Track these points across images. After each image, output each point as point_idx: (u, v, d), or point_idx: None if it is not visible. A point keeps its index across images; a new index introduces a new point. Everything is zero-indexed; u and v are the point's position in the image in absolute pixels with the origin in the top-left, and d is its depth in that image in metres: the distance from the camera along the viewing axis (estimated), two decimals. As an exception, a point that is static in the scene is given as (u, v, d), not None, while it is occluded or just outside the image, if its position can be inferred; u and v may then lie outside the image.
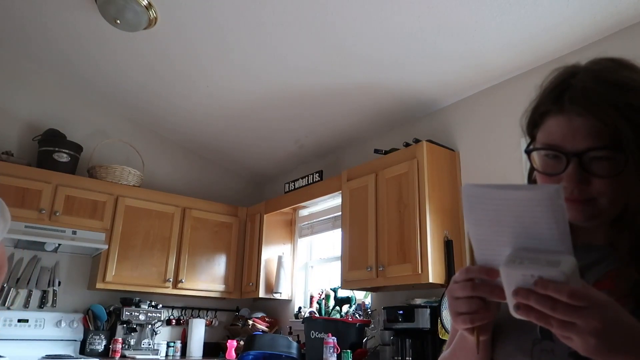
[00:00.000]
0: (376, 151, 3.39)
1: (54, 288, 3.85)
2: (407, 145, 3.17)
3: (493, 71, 2.95)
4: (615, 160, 0.69)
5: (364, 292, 3.61)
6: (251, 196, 5.07)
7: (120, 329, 3.89)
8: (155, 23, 3.02)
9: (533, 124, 0.79)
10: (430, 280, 2.77)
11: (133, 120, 4.49)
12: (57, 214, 3.64)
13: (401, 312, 2.86)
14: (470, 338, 0.71)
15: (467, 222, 0.63)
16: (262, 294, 4.21)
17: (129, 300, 3.94)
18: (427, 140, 3.06)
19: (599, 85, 0.70)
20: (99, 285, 3.78)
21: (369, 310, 3.50)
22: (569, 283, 0.54)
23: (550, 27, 2.52)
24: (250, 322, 4.22)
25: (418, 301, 2.88)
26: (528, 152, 0.77)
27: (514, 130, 2.66)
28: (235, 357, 3.87)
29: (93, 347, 3.76)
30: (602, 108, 0.68)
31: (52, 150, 3.80)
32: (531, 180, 0.84)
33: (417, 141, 3.12)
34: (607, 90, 0.70)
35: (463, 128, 3.21)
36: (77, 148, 3.96)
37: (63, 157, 3.82)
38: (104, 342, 3.80)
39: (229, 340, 4.03)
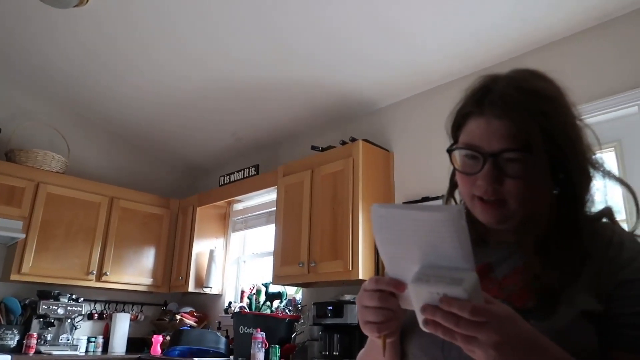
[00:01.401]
0: (313, 148, 3.41)
1: (-38, 279, 3.56)
2: (343, 143, 3.21)
3: (430, 75, 3.04)
4: (526, 163, 0.74)
5: (295, 288, 3.62)
6: (184, 188, 4.94)
7: (36, 324, 3.66)
8: (87, 1, 2.85)
9: (456, 126, 0.84)
10: (360, 277, 2.82)
11: (59, 103, 4.23)
12: (-32, 199, 3.38)
13: (330, 307, 2.90)
14: (378, 341, 0.74)
15: (376, 240, 0.66)
16: (191, 288, 4.12)
17: (47, 293, 3.72)
18: (363, 140, 3.11)
19: (516, 91, 0.76)
20: (14, 277, 3.54)
21: (299, 305, 3.51)
22: (471, 300, 0.58)
23: (483, 37, 2.63)
24: (178, 316, 4.12)
25: (347, 297, 2.93)
26: (449, 151, 0.82)
27: (446, 133, 2.76)
28: (161, 353, 3.76)
29: (4, 342, 3.51)
30: (517, 112, 0.74)
31: (-35, 129, 3.52)
32: (453, 180, 0.87)
33: (353, 140, 3.16)
34: (523, 97, 0.75)
35: (399, 129, 3.29)
36: (-6, 129, 3.68)
37: (-22, 138, 3.55)
38: (17, 338, 3.57)
39: (154, 336, 3.91)
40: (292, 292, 3.68)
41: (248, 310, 3.63)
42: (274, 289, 3.66)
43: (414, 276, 0.62)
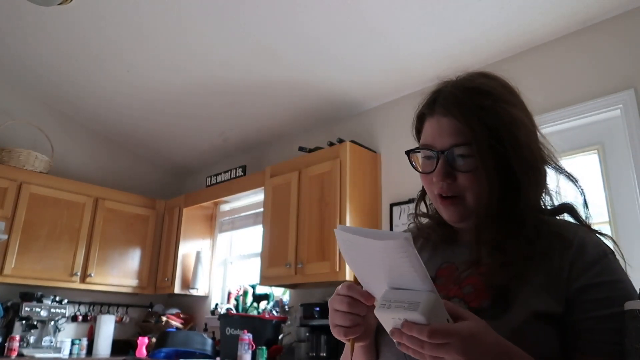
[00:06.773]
0: (301, 149, 3.41)
1: (-58, 281, 3.49)
2: (331, 144, 3.21)
3: (415, 78, 3.06)
4: (474, 157, 0.77)
5: (283, 289, 3.61)
6: (171, 188, 4.90)
7: (18, 326, 3.60)
8: (70, 0, 2.82)
9: (418, 131, 0.88)
10: (347, 278, 2.82)
11: (44, 102, 4.17)
12: (-51, 200, 3.31)
13: (317, 308, 2.90)
14: (349, 344, 0.76)
15: (345, 259, 0.69)
16: (177, 289, 4.09)
17: (30, 295, 3.66)
18: (351, 141, 3.12)
19: (458, 90, 0.81)
20: (-4, 279, 3.48)
21: (286, 307, 3.51)
22: (431, 321, 0.59)
23: (469, 41, 2.66)
24: (164, 318, 4.09)
25: (335, 298, 2.93)
26: (407, 153, 0.85)
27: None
28: (147, 355, 3.73)
29: (-14, 345, 3.46)
30: (460, 109, 0.78)
31: (-55, 128, 3.45)
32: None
33: (340, 141, 3.17)
34: (463, 94, 0.79)
35: (385, 131, 3.30)
36: (-24, 128, 3.62)
37: (-41, 137, 3.48)
38: (-1, 340, 3.51)
39: (139, 338, 3.87)
40: (279, 293, 3.67)
41: (235, 312, 3.61)
42: (261, 290, 3.65)
43: (378, 303, 0.64)
